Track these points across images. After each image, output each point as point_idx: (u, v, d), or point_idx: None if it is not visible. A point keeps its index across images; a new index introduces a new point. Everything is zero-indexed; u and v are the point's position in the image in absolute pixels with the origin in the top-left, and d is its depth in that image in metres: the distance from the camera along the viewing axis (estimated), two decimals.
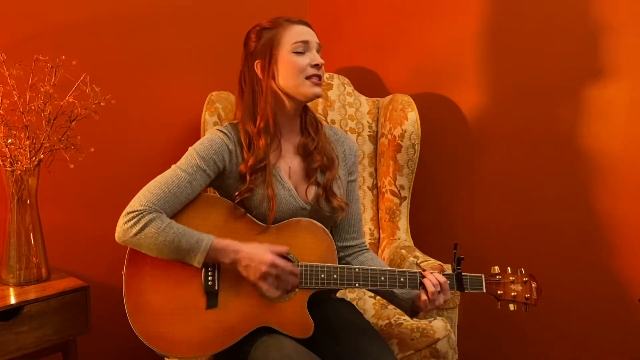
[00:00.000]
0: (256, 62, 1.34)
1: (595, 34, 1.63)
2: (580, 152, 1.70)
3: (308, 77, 1.32)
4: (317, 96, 1.34)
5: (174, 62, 1.93)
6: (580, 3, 1.65)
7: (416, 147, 1.85)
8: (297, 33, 1.32)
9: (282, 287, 1.25)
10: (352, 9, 2.22)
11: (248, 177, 1.31)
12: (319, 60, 1.33)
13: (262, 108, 1.33)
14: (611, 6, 1.60)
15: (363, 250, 1.49)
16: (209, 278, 1.26)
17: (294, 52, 1.31)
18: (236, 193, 1.31)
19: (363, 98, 2.02)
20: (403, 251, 1.76)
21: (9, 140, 1.48)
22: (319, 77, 1.33)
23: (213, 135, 1.34)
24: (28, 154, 1.49)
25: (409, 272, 1.29)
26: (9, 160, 1.49)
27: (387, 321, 1.59)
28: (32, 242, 1.55)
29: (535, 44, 1.75)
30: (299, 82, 1.31)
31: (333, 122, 1.94)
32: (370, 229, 1.93)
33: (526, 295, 1.33)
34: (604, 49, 1.63)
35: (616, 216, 1.66)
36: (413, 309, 1.35)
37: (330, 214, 1.38)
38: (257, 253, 1.23)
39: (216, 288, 1.25)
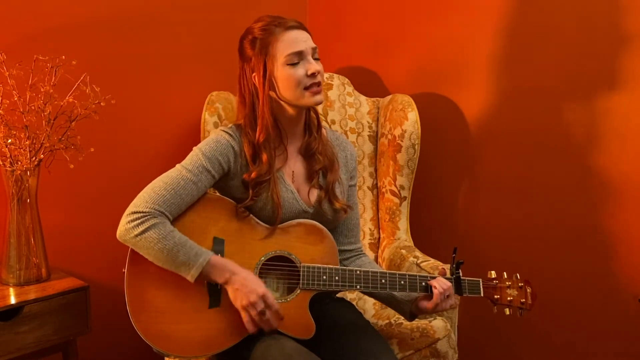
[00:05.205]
0: (253, 74, 1.32)
1: (597, 40, 1.63)
2: (580, 153, 1.70)
3: (307, 88, 1.29)
4: (319, 103, 1.33)
5: (174, 62, 1.93)
6: (586, 5, 1.65)
7: (416, 147, 1.85)
8: (289, 43, 1.28)
9: (261, 325, 1.22)
10: (352, 9, 2.22)
11: (251, 191, 1.30)
12: (314, 68, 1.28)
13: (261, 119, 1.31)
14: (624, 9, 1.59)
15: (360, 254, 1.49)
16: None
17: (288, 65, 1.28)
18: (239, 204, 1.30)
19: (363, 98, 2.02)
20: (403, 251, 1.76)
21: (9, 140, 1.48)
22: (318, 84, 1.30)
23: (219, 136, 1.33)
24: (28, 154, 1.49)
25: (409, 275, 1.30)
26: (9, 160, 1.49)
27: (387, 321, 1.59)
28: (32, 242, 1.55)
29: (536, 44, 1.74)
30: (298, 95, 1.29)
31: (333, 122, 1.94)
32: (370, 229, 1.93)
33: (522, 300, 1.35)
34: (607, 53, 1.62)
35: (616, 217, 1.66)
36: (412, 313, 1.36)
37: (332, 217, 1.39)
38: (252, 281, 1.22)
39: (219, 287, 1.25)
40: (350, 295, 1.80)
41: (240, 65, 1.35)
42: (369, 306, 1.77)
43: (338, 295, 1.54)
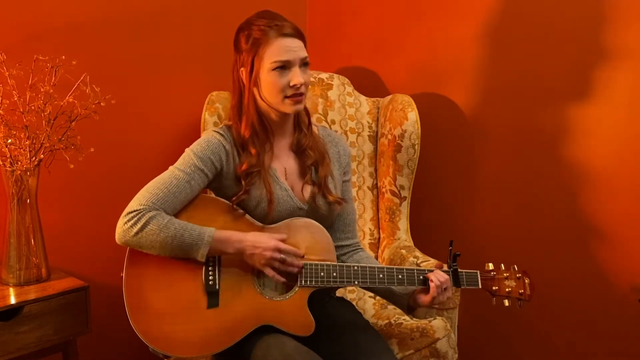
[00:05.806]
0: (242, 68, 1.33)
1: (598, 39, 1.63)
2: (580, 152, 1.70)
3: (288, 97, 1.30)
4: (297, 112, 1.35)
5: (174, 62, 1.93)
6: (583, 6, 1.65)
7: (416, 147, 1.85)
8: (279, 50, 1.28)
9: (289, 270, 1.26)
10: (352, 9, 2.22)
11: (243, 181, 1.32)
12: (297, 80, 1.28)
13: (246, 114, 1.34)
14: (615, 10, 1.60)
15: (357, 249, 1.50)
16: (210, 277, 1.26)
17: (273, 71, 1.28)
18: (233, 197, 1.31)
19: (363, 98, 2.02)
20: (403, 251, 1.76)
21: (9, 140, 1.48)
22: (300, 94, 1.31)
23: (209, 136, 1.34)
24: (28, 154, 1.49)
25: (406, 269, 1.31)
26: (9, 160, 1.49)
27: (387, 321, 1.59)
28: (32, 242, 1.55)
29: (536, 44, 1.74)
30: (278, 101, 1.31)
31: (333, 122, 1.94)
32: (370, 229, 1.93)
33: (520, 291, 1.34)
34: (608, 53, 1.62)
35: (616, 215, 1.66)
36: (410, 306, 1.36)
37: (327, 213, 1.39)
38: (260, 240, 1.25)
39: (217, 287, 1.26)
40: (350, 295, 1.80)
41: (233, 56, 1.37)
42: (368, 306, 1.77)
43: (338, 294, 1.54)
